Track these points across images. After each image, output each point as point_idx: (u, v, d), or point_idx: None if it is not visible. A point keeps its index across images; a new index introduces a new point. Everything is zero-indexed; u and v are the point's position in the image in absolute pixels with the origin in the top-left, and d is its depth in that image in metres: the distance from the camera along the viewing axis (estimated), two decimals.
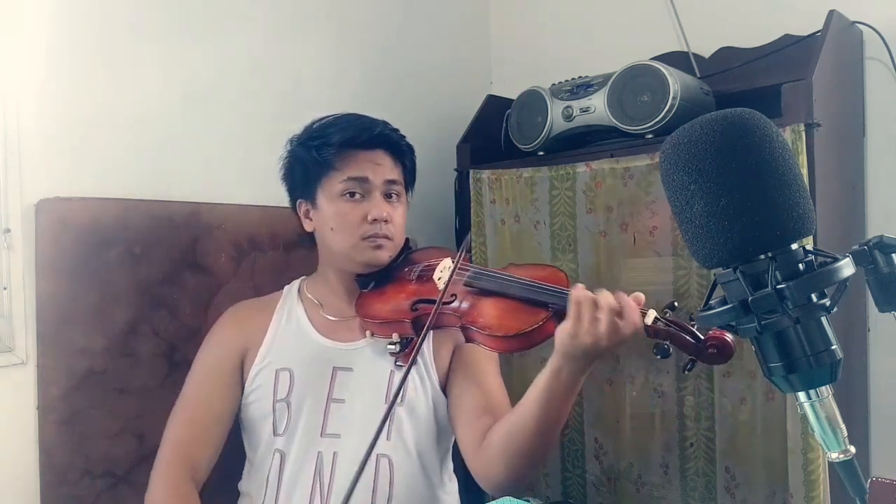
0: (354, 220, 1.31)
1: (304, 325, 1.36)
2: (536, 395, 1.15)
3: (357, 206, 1.31)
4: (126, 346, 1.43)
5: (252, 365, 1.33)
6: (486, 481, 1.25)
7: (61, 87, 1.40)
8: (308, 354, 1.32)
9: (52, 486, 1.34)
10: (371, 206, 1.31)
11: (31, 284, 1.35)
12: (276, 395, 1.30)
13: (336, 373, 1.31)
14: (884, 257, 0.63)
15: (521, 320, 1.15)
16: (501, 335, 1.15)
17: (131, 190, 1.47)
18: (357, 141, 1.32)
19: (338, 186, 1.32)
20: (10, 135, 1.33)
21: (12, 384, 1.33)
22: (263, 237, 1.63)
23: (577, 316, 1.07)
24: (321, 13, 1.84)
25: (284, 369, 1.31)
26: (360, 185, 1.32)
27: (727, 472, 1.50)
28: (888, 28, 1.59)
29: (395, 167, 1.36)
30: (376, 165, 1.33)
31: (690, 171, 0.61)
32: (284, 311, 1.38)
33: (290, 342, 1.34)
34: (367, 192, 1.32)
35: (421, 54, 2.07)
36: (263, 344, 1.34)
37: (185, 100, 1.57)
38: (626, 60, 1.62)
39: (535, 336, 1.14)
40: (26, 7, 1.35)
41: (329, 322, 1.36)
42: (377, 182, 1.32)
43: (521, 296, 1.18)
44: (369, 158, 1.33)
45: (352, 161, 1.32)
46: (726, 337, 1.06)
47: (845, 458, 0.61)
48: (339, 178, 1.32)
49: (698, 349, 1.06)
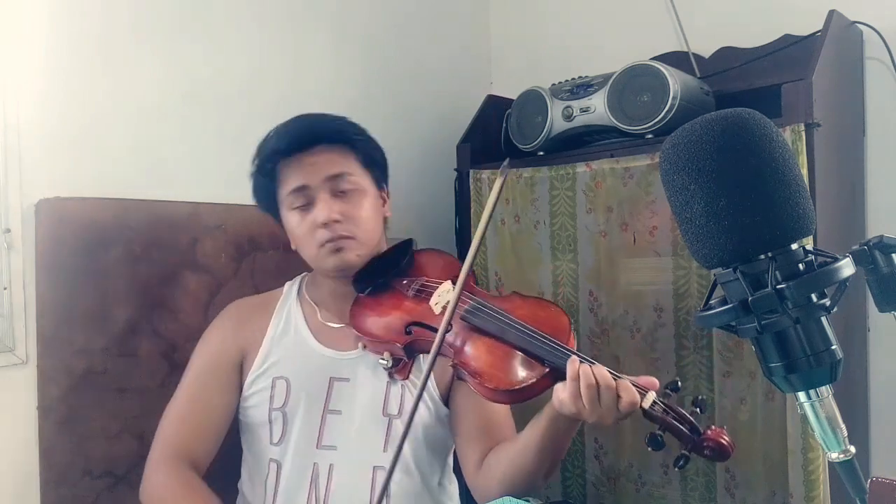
0: (307, 230, 1.27)
1: (301, 331, 1.34)
2: (534, 437, 1.15)
3: (305, 215, 1.27)
4: (126, 346, 1.43)
5: (251, 369, 1.31)
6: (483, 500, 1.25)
7: (61, 87, 1.40)
8: (305, 363, 1.31)
9: (52, 486, 1.34)
10: (316, 211, 1.26)
11: (31, 284, 1.35)
12: (272, 404, 1.28)
13: (333, 383, 1.29)
14: (884, 257, 0.63)
15: (514, 374, 1.09)
16: (492, 387, 1.09)
17: (131, 190, 1.47)
18: (290, 147, 1.27)
19: (286, 200, 1.29)
20: (10, 135, 1.33)
21: (12, 384, 1.33)
22: (263, 237, 1.63)
23: (575, 393, 1.03)
24: (321, 13, 1.84)
25: (281, 378, 1.29)
26: (301, 194, 1.27)
27: (727, 472, 1.50)
28: (888, 28, 1.59)
29: (340, 159, 1.29)
30: (311, 166, 1.27)
31: (690, 171, 0.61)
32: (283, 313, 1.36)
33: (288, 350, 1.32)
34: (311, 198, 1.27)
35: (421, 54, 2.07)
36: (262, 348, 1.32)
37: (184, 100, 1.57)
38: (626, 60, 1.62)
39: (526, 393, 1.08)
40: (26, 7, 1.35)
41: (327, 329, 1.34)
42: (316, 183, 1.26)
43: (519, 345, 1.11)
44: (305, 162, 1.27)
45: (289, 170, 1.28)
46: (723, 439, 1.00)
47: (845, 458, 0.61)
48: (283, 192, 1.29)
49: (694, 443, 1.00)
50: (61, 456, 1.35)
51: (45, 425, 1.35)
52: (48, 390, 1.35)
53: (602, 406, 1.02)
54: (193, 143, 1.58)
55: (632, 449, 1.63)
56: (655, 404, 1.02)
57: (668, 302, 1.55)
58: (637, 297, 1.60)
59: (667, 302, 1.55)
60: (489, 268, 1.83)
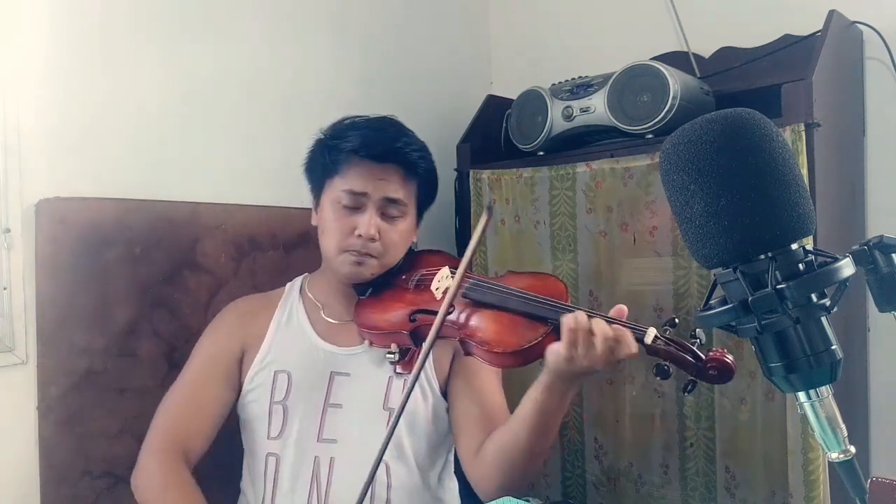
0: (343, 231, 1.29)
1: (304, 326, 1.35)
2: (528, 410, 1.15)
3: (349, 218, 1.29)
4: (126, 346, 1.43)
5: (251, 364, 1.32)
6: (482, 491, 1.26)
7: (61, 87, 1.40)
8: (307, 358, 1.32)
9: (52, 486, 1.34)
10: (361, 221, 1.28)
11: (31, 284, 1.35)
12: (273, 398, 1.29)
13: (334, 377, 1.30)
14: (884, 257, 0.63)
15: (520, 336, 1.13)
16: (500, 351, 1.13)
17: (131, 190, 1.47)
18: (368, 152, 1.28)
19: (337, 193, 1.30)
20: (10, 135, 1.33)
21: (12, 384, 1.33)
22: (263, 237, 1.63)
23: (571, 342, 1.07)
24: (321, 13, 1.84)
25: (283, 371, 1.30)
26: (356, 198, 1.28)
27: (727, 472, 1.50)
28: (888, 28, 1.59)
29: (403, 185, 1.31)
30: (379, 180, 1.29)
31: (690, 171, 0.61)
32: (286, 310, 1.37)
33: (290, 344, 1.33)
34: (362, 205, 1.29)
35: (421, 54, 2.07)
36: (264, 343, 1.33)
37: (185, 99, 1.57)
38: (626, 60, 1.62)
39: (534, 352, 1.12)
40: (26, 7, 1.35)
41: (329, 325, 1.35)
42: (375, 197, 1.29)
43: (520, 310, 1.16)
44: (376, 172, 1.29)
45: (357, 172, 1.29)
46: (727, 358, 1.05)
47: (845, 458, 0.61)
48: (340, 186, 1.30)
49: (699, 369, 1.05)
50: (61, 456, 1.35)
51: (45, 425, 1.35)
52: (48, 390, 1.35)
53: (597, 349, 1.06)
54: (193, 143, 1.58)
55: (632, 449, 1.63)
56: (657, 339, 1.07)
57: (668, 302, 1.55)
58: (637, 297, 1.60)
59: (667, 302, 1.55)
60: (489, 268, 1.83)
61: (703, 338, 1.08)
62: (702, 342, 1.08)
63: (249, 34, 1.69)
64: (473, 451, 1.27)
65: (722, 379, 1.06)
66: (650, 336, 1.07)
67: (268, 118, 1.70)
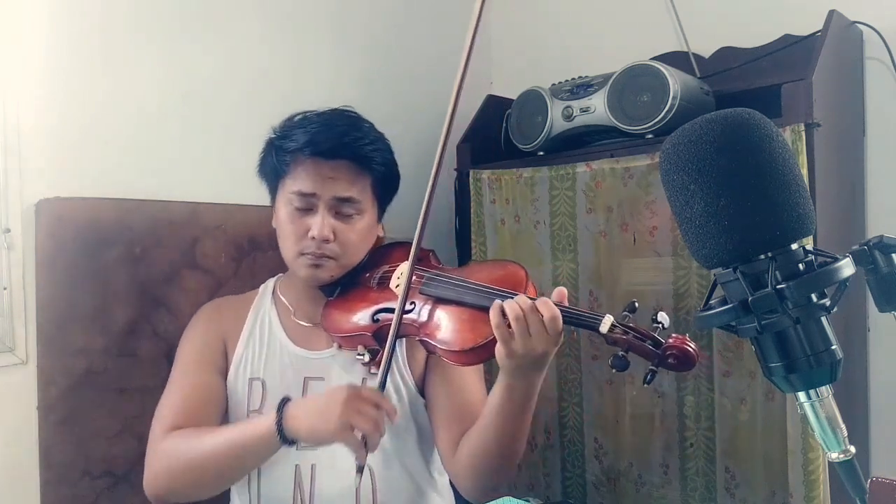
0: (296, 233, 1.25)
1: (276, 331, 1.33)
2: (492, 411, 1.14)
3: (302, 219, 1.25)
4: (126, 346, 1.43)
5: (230, 364, 1.31)
6: (460, 488, 1.26)
7: (61, 87, 1.40)
8: (280, 364, 1.30)
9: (52, 486, 1.34)
10: (313, 223, 1.23)
11: (31, 284, 1.35)
12: (249, 407, 1.28)
13: (308, 383, 1.28)
14: (884, 257, 0.63)
15: (477, 331, 1.09)
16: (458, 349, 1.10)
17: (131, 190, 1.47)
18: (314, 150, 1.23)
19: (287, 195, 1.26)
20: (10, 135, 1.33)
21: (12, 384, 1.33)
22: (263, 237, 1.62)
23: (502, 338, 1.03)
24: (321, 13, 1.84)
25: (257, 379, 1.29)
26: (306, 199, 1.24)
27: (727, 472, 1.50)
28: (888, 28, 1.59)
29: (355, 182, 1.26)
30: (328, 179, 1.24)
31: (690, 171, 0.61)
32: (258, 313, 1.35)
33: (262, 350, 1.31)
34: (313, 206, 1.24)
35: (421, 54, 2.07)
36: (238, 348, 1.31)
37: (185, 100, 1.57)
38: (626, 60, 1.62)
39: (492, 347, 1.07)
40: (26, 7, 1.36)
41: (300, 328, 1.33)
42: (325, 197, 1.24)
43: (476, 303, 1.11)
44: (324, 171, 1.24)
45: (304, 171, 1.24)
46: (688, 345, 0.99)
47: (845, 458, 0.61)
48: (289, 187, 1.25)
49: (659, 357, 1.00)
50: (61, 456, 1.35)
51: (45, 425, 1.35)
52: (48, 390, 1.35)
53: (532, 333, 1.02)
54: (193, 143, 1.58)
55: (632, 449, 1.63)
56: (615, 327, 1.02)
57: (668, 302, 1.55)
58: (637, 298, 1.58)
59: (667, 302, 1.55)
60: None
61: (665, 322, 1.02)
62: (664, 327, 1.02)
63: (249, 34, 1.69)
64: (451, 447, 1.25)
65: (682, 367, 1.00)
66: (606, 324, 1.02)
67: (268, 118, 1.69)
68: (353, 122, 1.30)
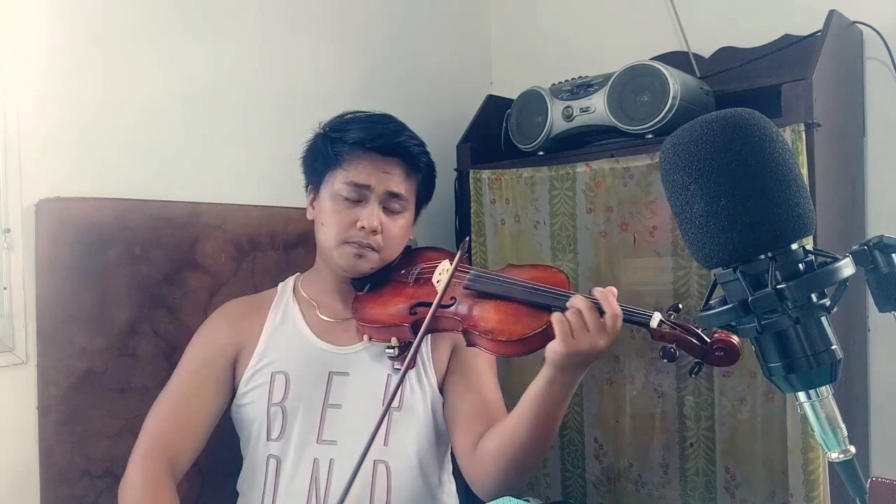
0: (344, 222, 1.29)
1: (300, 326, 1.34)
2: (530, 404, 1.15)
3: (351, 209, 1.30)
4: (126, 346, 1.43)
5: (247, 366, 1.31)
6: (479, 488, 1.26)
7: (61, 87, 1.40)
8: (304, 358, 1.31)
9: (52, 485, 1.34)
10: (363, 213, 1.29)
11: (31, 284, 1.35)
12: (270, 399, 1.29)
13: (332, 377, 1.29)
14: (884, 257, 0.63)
15: (525, 324, 1.14)
16: (504, 339, 1.14)
17: (131, 190, 1.47)
18: (372, 144, 1.29)
19: (339, 185, 1.30)
20: (10, 135, 1.33)
21: (12, 384, 1.33)
22: (263, 237, 1.63)
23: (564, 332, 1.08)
24: (321, 13, 1.84)
25: (280, 373, 1.30)
26: (359, 190, 1.30)
27: (727, 471, 1.50)
28: (888, 28, 1.59)
29: (405, 180, 1.33)
30: (383, 174, 1.30)
31: (690, 171, 0.61)
32: (280, 310, 1.37)
33: (286, 344, 1.32)
34: (364, 197, 1.30)
35: (421, 54, 2.07)
36: (259, 345, 1.32)
37: (185, 100, 1.57)
38: (626, 60, 1.62)
39: (538, 340, 1.13)
40: (26, 7, 1.35)
41: (325, 324, 1.35)
42: (378, 191, 1.30)
43: (524, 299, 1.17)
44: (379, 165, 1.30)
45: (360, 164, 1.30)
46: (732, 339, 1.05)
47: (845, 458, 0.61)
48: (342, 178, 1.30)
49: (704, 352, 1.06)
50: (61, 456, 1.35)
51: (45, 425, 1.34)
52: (48, 390, 1.35)
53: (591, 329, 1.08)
54: (193, 143, 1.58)
55: (632, 449, 1.63)
56: (663, 323, 1.09)
57: (668, 302, 1.54)
58: (637, 297, 1.59)
59: (667, 302, 1.55)
60: (489, 268, 1.83)
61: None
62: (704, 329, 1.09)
63: (249, 34, 1.69)
64: (470, 446, 1.26)
65: (728, 360, 1.06)
66: (656, 320, 1.09)
67: (268, 118, 1.70)
68: (402, 125, 1.37)
